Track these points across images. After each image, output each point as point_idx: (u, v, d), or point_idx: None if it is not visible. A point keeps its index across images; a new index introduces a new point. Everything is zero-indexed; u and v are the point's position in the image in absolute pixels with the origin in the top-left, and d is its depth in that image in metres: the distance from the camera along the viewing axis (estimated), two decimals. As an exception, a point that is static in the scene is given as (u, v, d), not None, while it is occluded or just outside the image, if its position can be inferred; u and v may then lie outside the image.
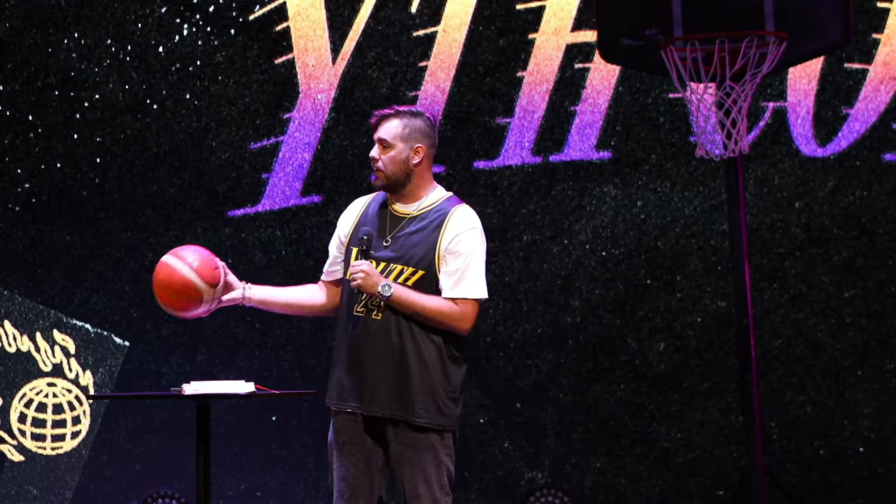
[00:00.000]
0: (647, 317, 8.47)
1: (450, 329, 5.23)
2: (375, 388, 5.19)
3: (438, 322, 5.20)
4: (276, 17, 8.48)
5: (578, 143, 8.51)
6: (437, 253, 5.22)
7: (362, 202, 5.43)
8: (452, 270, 5.23)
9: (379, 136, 5.32)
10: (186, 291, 5.30)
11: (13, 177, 8.42)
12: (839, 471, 8.43)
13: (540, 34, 8.48)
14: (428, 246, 5.23)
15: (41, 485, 8.38)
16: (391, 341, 5.18)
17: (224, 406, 8.29)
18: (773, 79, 8.38)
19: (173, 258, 5.37)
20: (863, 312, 8.45)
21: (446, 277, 5.22)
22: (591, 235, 8.48)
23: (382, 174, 5.29)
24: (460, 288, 5.24)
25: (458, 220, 5.29)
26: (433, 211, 5.30)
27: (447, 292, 5.22)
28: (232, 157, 8.47)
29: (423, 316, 5.18)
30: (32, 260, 8.40)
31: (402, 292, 5.16)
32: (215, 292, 5.32)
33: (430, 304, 5.18)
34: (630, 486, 8.44)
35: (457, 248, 5.24)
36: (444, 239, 5.24)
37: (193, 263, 5.32)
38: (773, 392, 8.41)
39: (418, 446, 5.18)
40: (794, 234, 8.48)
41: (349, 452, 5.25)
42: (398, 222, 5.29)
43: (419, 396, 5.18)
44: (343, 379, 5.24)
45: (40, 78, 8.43)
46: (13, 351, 8.40)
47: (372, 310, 5.20)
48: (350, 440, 5.25)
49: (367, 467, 5.24)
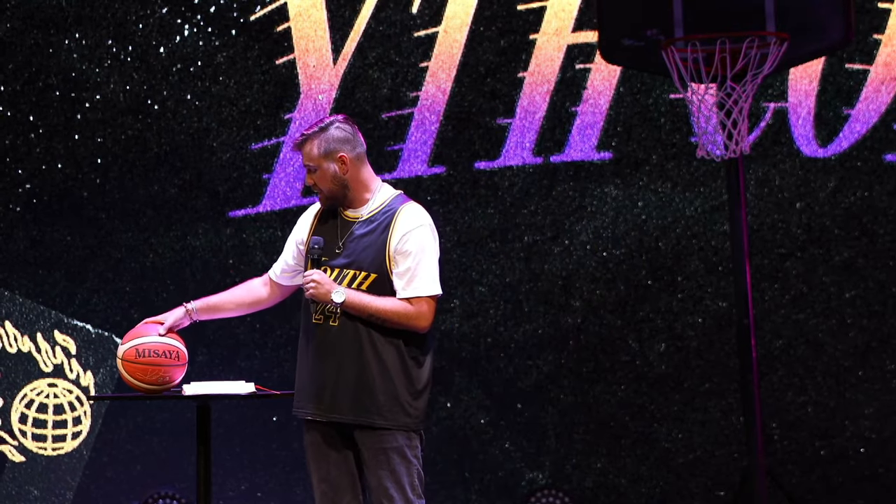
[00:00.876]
0: (648, 317, 8.47)
1: (408, 329, 5.23)
2: (336, 395, 5.21)
3: (395, 323, 5.20)
4: (277, 18, 8.48)
5: (579, 143, 8.50)
6: (388, 254, 5.22)
7: (314, 209, 5.46)
8: (403, 270, 5.23)
9: (304, 164, 5.36)
10: (157, 373, 5.47)
11: (14, 177, 8.42)
12: (840, 471, 8.42)
13: (541, 35, 8.48)
14: (377, 248, 5.24)
15: (42, 485, 8.38)
16: (349, 347, 5.20)
17: (224, 406, 8.29)
18: (774, 79, 8.38)
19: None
20: (864, 313, 8.44)
21: (398, 278, 5.22)
22: (592, 236, 8.48)
23: (323, 195, 5.35)
24: (412, 287, 5.23)
25: (405, 219, 5.28)
26: (381, 212, 5.31)
27: (401, 293, 5.22)
28: (233, 157, 8.47)
29: (378, 318, 5.18)
30: (33, 260, 8.40)
31: (354, 297, 5.17)
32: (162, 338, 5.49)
33: (385, 305, 5.19)
34: (631, 486, 8.44)
35: (405, 248, 5.23)
36: (393, 239, 5.24)
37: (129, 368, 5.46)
38: (774, 392, 8.41)
39: (385, 449, 5.20)
40: (795, 235, 8.48)
41: (324, 454, 5.29)
42: (348, 227, 5.30)
43: (381, 399, 5.20)
44: (305, 387, 5.28)
45: (41, 78, 8.43)
46: (14, 351, 8.40)
47: (329, 317, 5.22)
48: (323, 443, 5.29)
49: (345, 465, 5.28)
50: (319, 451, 5.30)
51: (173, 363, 5.47)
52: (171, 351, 5.46)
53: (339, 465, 5.29)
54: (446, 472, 8.41)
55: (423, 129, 8.49)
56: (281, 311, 8.35)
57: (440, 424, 8.40)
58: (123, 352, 5.46)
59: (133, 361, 5.44)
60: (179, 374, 5.52)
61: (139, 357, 5.43)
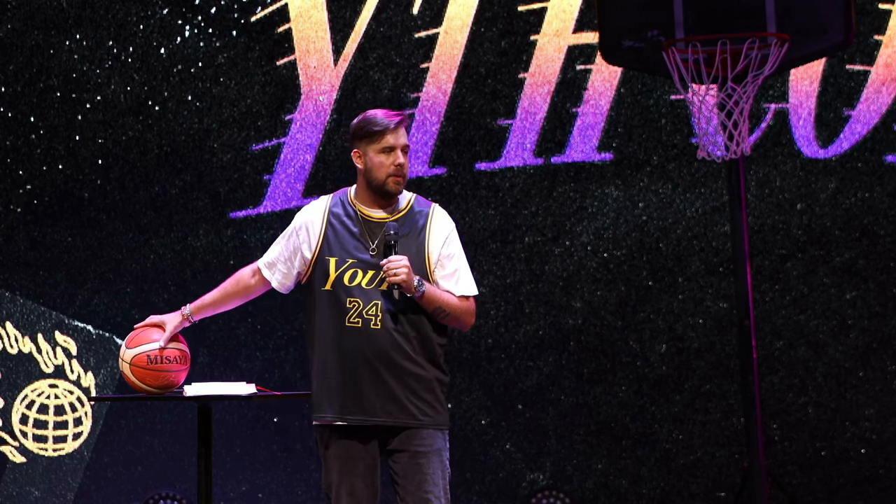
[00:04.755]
0: (649, 318, 8.47)
1: (460, 325, 5.26)
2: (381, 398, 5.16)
3: (455, 318, 5.22)
4: (278, 19, 8.48)
5: (580, 144, 8.51)
6: (427, 255, 5.20)
7: (321, 210, 5.32)
8: (451, 272, 5.22)
9: (405, 143, 5.26)
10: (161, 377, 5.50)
11: (15, 178, 8.43)
12: (841, 472, 8.42)
13: (541, 36, 8.48)
14: (417, 249, 5.21)
15: (43, 486, 8.38)
16: (394, 350, 5.16)
17: (225, 407, 8.29)
18: (775, 80, 8.38)
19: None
20: (864, 314, 8.45)
21: (446, 280, 5.21)
22: (593, 237, 8.49)
23: (403, 181, 5.26)
24: (461, 286, 5.24)
25: (442, 222, 5.28)
26: (410, 214, 5.27)
27: (455, 292, 5.22)
28: (234, 158, 8.47)
29: (444, 312, 5.18)
30: (34, 261, 8.40)
31: (432, 289, 5.16)
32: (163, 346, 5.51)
33: (452, 300, 5.20)
34: (631, 487, 8.44)
35: (450, 251, 5.24)
36: (433, 241, 5.22)
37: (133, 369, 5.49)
38: (775, 393, 8.41)
39: (427, 451, 5.17)
40: (796, 236, 8.48)
41: (354, 467, 5.20)
42: (379, 228, 5.22)
43: (428, 399, 5.21)
44: (345, 392, 5.19)
45: (42, 79, 8.43)
46: (15, 352, 8.40)
47: (369, 320, 5.17)
48: (353, 456, 5.21)
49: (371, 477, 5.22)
50: (347, 465, 5.21)
51: (182, 367, 5.51)
52: (180, 356, 5.50)
53: (365, 478, 5.21)
54: (447, 473, 8.40)
55: (424, 130, 8.50)
56: (282, 313, 8.38)
57: (441, 425, 8.40)
58: (133, 357, 5.45)
59: (145, 368, 5.45)
60: (183, 376, 5.54)
61: (151, 364, 5.44)
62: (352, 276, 5.18)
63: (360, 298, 5.16)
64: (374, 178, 5.22)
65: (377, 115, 5.27)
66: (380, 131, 5.22)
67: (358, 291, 5.17)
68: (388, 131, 5.22)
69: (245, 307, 8.49)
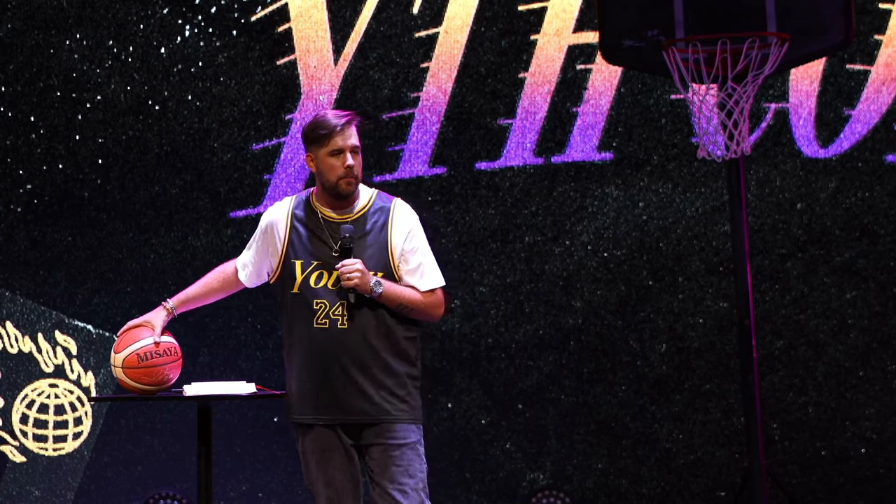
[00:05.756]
0: (649, 318, 8.47)
1: (427, 318, 5.30)
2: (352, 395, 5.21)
3: (419, 312, 5.27)
4: (278, 19, 8.48)
5: (580, 144, 8.51)
6: (390, 251, 5.24)
7: (284, 212, 5.34)
8: (415, 266, 5.27)
9: (354, 144, 5.28)
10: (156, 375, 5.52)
11: (15, 178, 8.43)
12: (841, 472, 8.43)
13: (542, 35, 8.48)
14: (380, 246, 5.25)
15: (43, 486, 8.38)
16: (362, 348, 5.21)
17: (225, 407, 8.29)
18: (775, 80, 8.38)
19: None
20: (864, 314, 8.45)
21: (410, 275, 5.27)
22: (593, 236, 8.49)
23: (355, 181, 5.28)
24: (426, 280, 5.29)
25: (403, 217, 5.31)
26: (371, 211, 5.29)
27: (419, 287, 5.27)
28: (234, 158, 8.47)
29: (407, 308, 5.23)
30: (34, 261, 8.40)
31: (390, 287, 5.21)
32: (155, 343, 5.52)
33: (413, 296, 5.26)
34: (632, 487, 8.44)
35: (413, 245, 5.28)
36: (396, 237, 5.26)
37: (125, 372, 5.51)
38: (775, 393, 8.41)
39: (401, 444, 5.21)
40: (796, 236, 8.48)
41: (329, 458, 5.27)
42: (338, 228, 5.27)
43: (400, 394, 5.24)
44: (310, 391, 5.25)
45: (42, 79, 8.44)
46: (15, 352, 8.40)
47: (336, 320, 5.21)
48: (328, 448, 5.27)
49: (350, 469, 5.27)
50: (324, 457, 5.28)
51: (173, 360, 5.50)
52: (169, 349, 5.50)
53: (344, 469, 5.27)
54: (447, 472, 8.41)
55: (424, 130, 8.50)
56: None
57: (441, 425, 8.40)
58: (123, 359, 5.47)
59: (136, 367, 5.46)
60: (178, 371, 5.54)
61: (142, 362, 5.45)
62: (317, 277, 5.24)
63: (326, 299, 5.22)
64: (326, 181, 5.26)
65: (325, 118, 5.30)
66: (326, 134, 5.25)
67: (324, 292, 5.23)
68: (335, 133, 5.24)
69: (245, 307, 8.52)
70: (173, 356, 5.50)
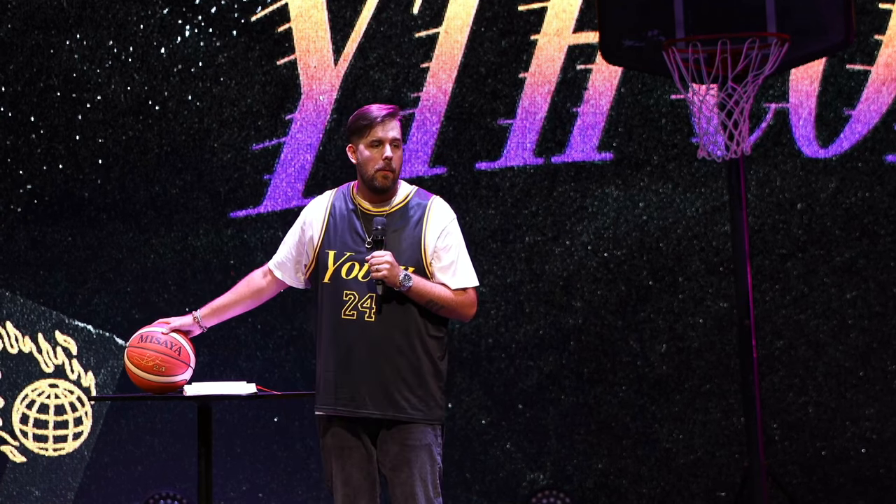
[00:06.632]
0: (649, 318, 8.47)
1: (457, 316, 5.28)
2: (373, 390, 5.19)
3: (449, 310, 5.24)
4: (278, 19, 8.48)
5: (580, 144, 8.51)
6: (423, 248, 5.22)
7: (324, 204, 5.35)
8: (448, 264, 5.24)
9: (394, 136, 5.27)
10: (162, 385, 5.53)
11: (15, 178, 8.43)
12: (841, 472, 8.43)
13: (542, 35, 8.48)
14: (413, 241, 5.23)
15: (43, 486, 8.39)
16: (387, 342, 5.19)
17: (226, 407, 8.29)
18: (775, 80, 8.38)
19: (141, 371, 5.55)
20: (864, 314, 8.45)
21: (443, 272, 5.23)
22: (593, 236, 8.49)
23: (393, 175, 5.26)
24: (459, 278, 5.26)
25: (439, 214, 5.29)
26: (408, 206, 5.28)
27: (451, 285, 5.24)
28: (234, 158, 8.47)
29: (437, 305, 5.20)
30: (34, 261, 8.41)
31: (420, 282, 5.17)
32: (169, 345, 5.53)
33: (444, 293, 5.22)
34: (632, 487, 8.44)
35: (447, 243, 5.25)
36: (430, 234, 5.24)
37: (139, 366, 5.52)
38: (775, 393, 8.41)
39: (415, 445, 5.19)
40: (796, 236, 8.48)
41: (348, 456, 5.25)
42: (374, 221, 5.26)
43: (420, 394, 5.22)
44: (337, 384, 5.23)
45: (42, 79, 8.44)
46: (15, 352, 8.40)
47: (364, 312, 5.19)
48: (348, 444, 5.25)
49: (368, 467, 5.25)
50: (342, 454, 5.26)
51: (173, 355, 5.48)
52: (173, 343, 5.48)
53: (361, 466, 5.25)
54: (447, 472, 8.40)
55: (424, 130, 8.50)
56: (282, 312, 8.38)
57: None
58: (130, 340, 5.49)
59: (136, 346, 5.47)
60: (179, 370, 5.51)
61: (142, 342, 5.46)
62: (349, 268, 5.22)
63: (356, 291, 5.20)
64: (364, 173, 5.27)
65: (369, 109, 5.33)
66: (367, 125, 5.27)
67: (354, 284, 5.20)
68: (376, 124, 5.26)
69: (245, 307, 8.47)
70: (174, 351, 5.49)
